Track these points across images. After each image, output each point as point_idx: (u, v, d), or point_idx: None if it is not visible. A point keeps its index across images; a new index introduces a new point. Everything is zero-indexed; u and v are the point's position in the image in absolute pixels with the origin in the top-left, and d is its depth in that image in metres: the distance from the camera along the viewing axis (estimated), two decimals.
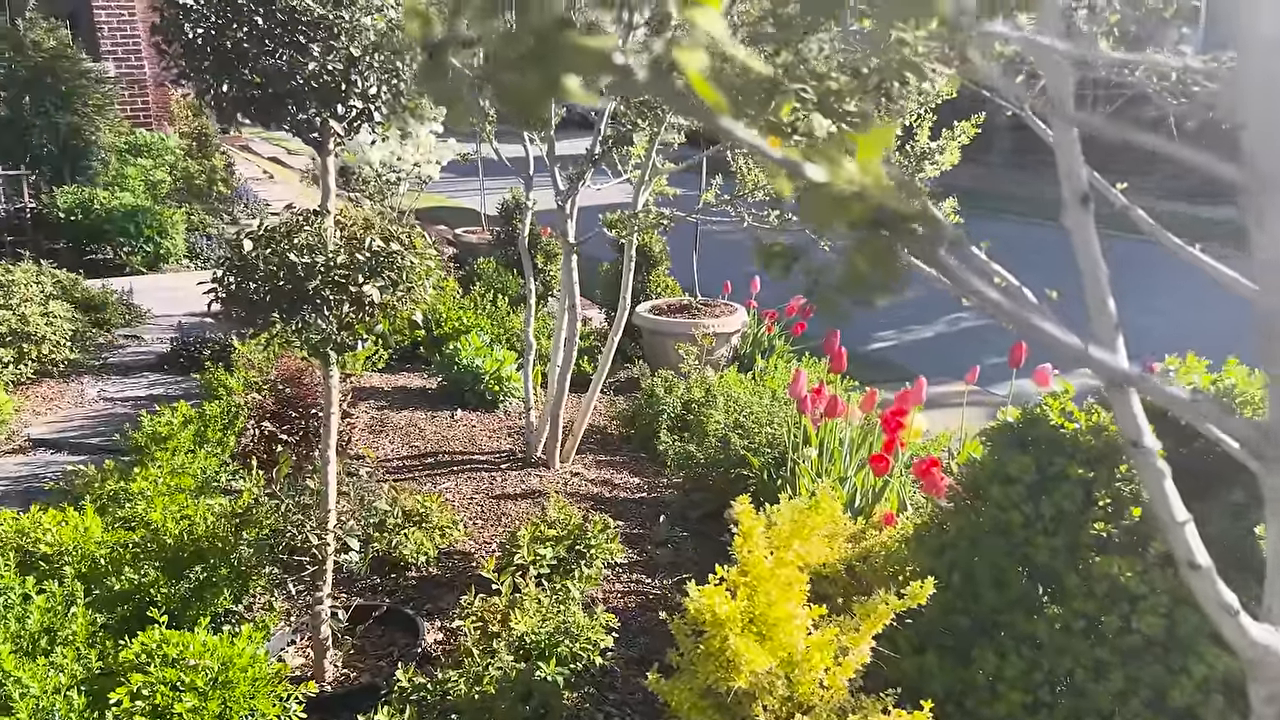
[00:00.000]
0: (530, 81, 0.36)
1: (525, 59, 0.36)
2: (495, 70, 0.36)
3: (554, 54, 0.36)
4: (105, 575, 2.64)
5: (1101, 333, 0.87)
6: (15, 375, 4.81)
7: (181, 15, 2.35)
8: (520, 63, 0.36)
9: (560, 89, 0.36)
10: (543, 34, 0.36)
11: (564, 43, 0.36)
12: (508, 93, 0.37)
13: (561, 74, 0.36)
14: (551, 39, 0.36)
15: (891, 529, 3.12)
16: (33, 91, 8.09)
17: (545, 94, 0.37)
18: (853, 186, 0.45)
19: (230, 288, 2.46)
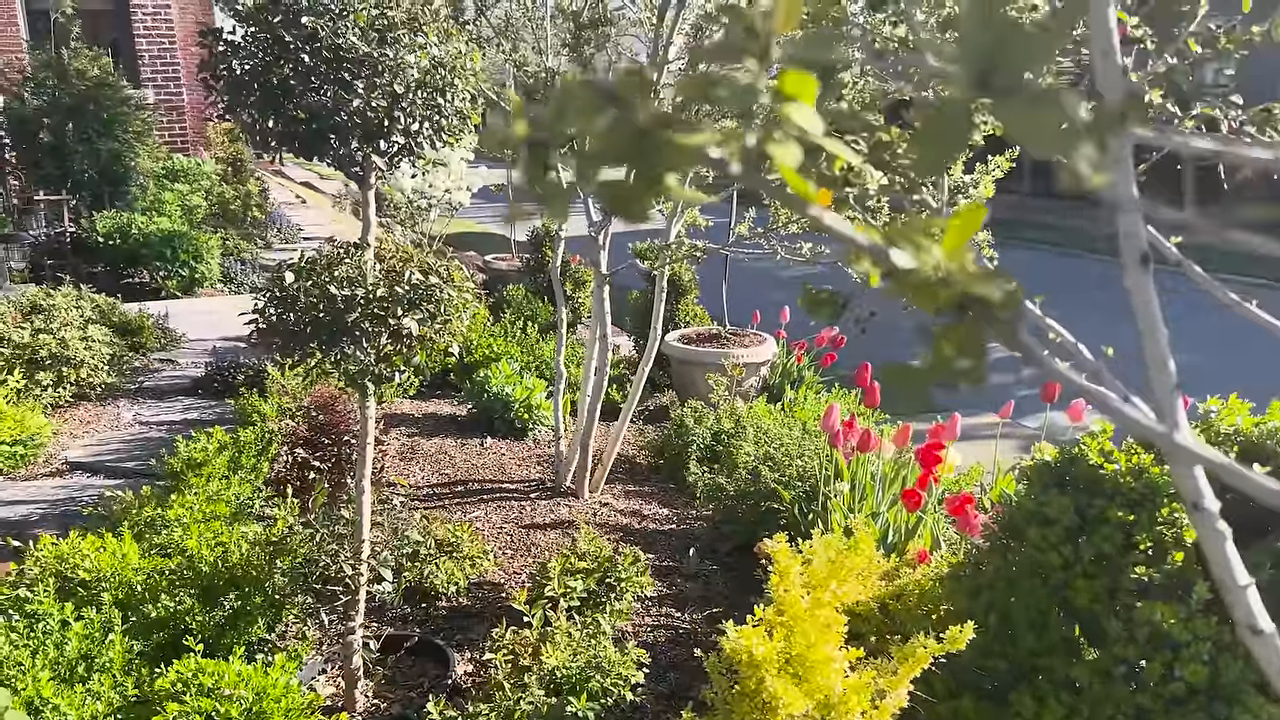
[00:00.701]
0: (632, 180, 0.37)
1: (626, 157, 0.37)
2: (596, 168, 0.37)
3: (654, 152, 0.36)
4: (142, 602, 2.66)
5: (1161, 396, 0.87)
6: (54, 398, 4.88)
7: (229, 52, 2.40)
8: (621, 161, 0.37)
9: (662, 187, 0.37)
10: (643, 132, 0.36)
11: (664, 141, 0.36)
12: (609, 191, 0.37)
13: (663, 172, 0.37)
14: (652, 137, 0.36)
15: (925, 567, 3.09)
16: (76, 119, 8.26)
17: (647, 192, 0.37)
18: (939, 273, 0.45)
19: (271, 319, 2.49)
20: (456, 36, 2.50)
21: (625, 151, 0.37)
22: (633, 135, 0.36)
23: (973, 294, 0.46)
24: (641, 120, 0.37)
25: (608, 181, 0.37)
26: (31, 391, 4.73)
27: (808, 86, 0.38)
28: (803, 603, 2.22)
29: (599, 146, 0.37)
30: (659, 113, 0.37)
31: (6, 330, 4.83)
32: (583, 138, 0.37)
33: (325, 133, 2.38)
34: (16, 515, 3.87)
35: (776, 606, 2.24)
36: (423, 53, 2.37)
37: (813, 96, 0.39)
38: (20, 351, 4.80)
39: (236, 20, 2.40)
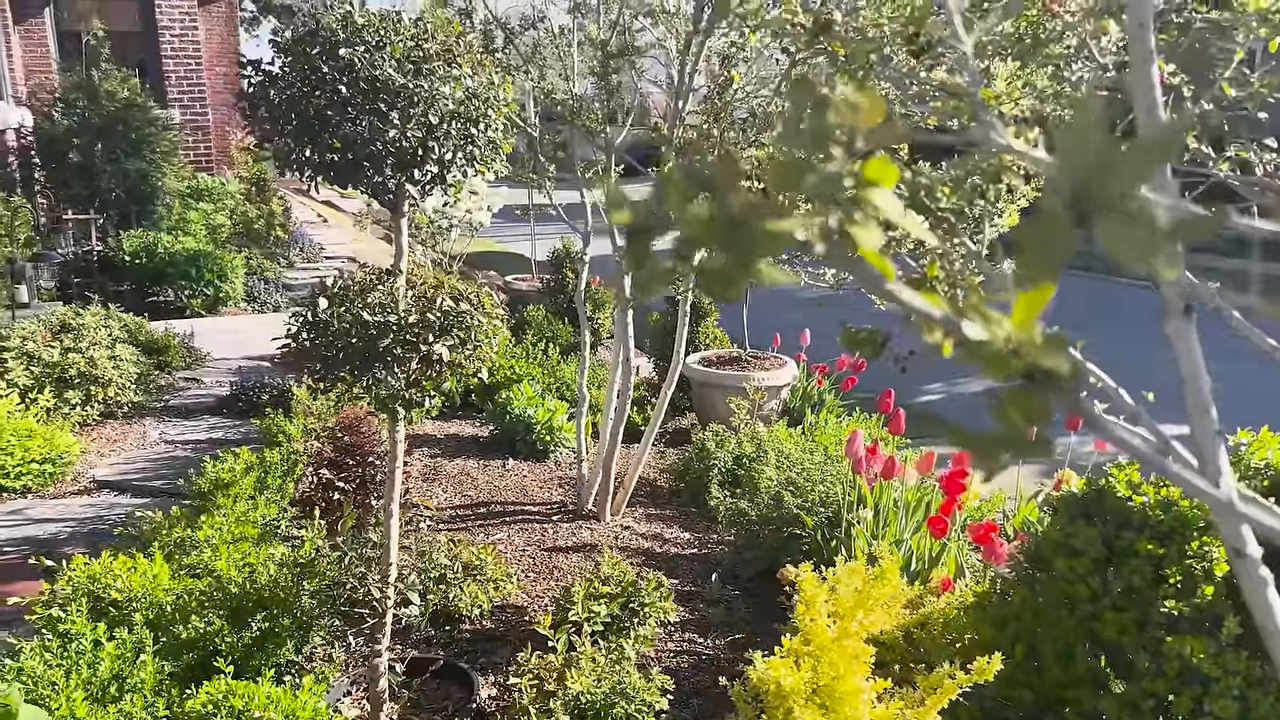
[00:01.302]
0: (727, 265, 0.39)
1: (721, 243, 0.39)
2: (692, 253, 0.39)
3: (747, 239, 0.38)
4: (172, 623, 2.68)
5: (1203, 443, 0.88)
6: (82, 416, 4.94)
7: (267, 82, 2.45)
8: (716, 246, 0.39)
9: (755, 272, 0.39)
10: (736, 220, 0.38)
11: (757, 228, 0.38)
12: (705, 275, 0.39)
13: (756, 257, 0.39)
14: (745, 225, 0.38)
15: (950, 595, 3.08)
16: (105, 139, 8.39)
17: (741, 276, 0.39)
18: (1010, 345, 0.47)
19: (305, 343, 2.52)
20: (489, 68, 2.54)
21: (720, 238, 0.39)
22: (727, 222, 0.39)
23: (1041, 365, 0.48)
24: (735, 208, 0.39)
25: (704, 267, 0.39)
26: (60, 410, 4.79)
27: (889, 173, 0.40)
28: (829, 632, 2.22)
29: (695, 233, 0.39)
30: (751, 200, 0.39)
31: (37, 349, 4.90)
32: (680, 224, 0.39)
33: (360, 162, 2.42)
34: (46, 533, 3.91)
35: (803, 636, 2.24)
36: (457, 84, 2.41)
37: (893, 181, 0.41)
38: (50, 370, 4.86)
39: (276, 51, 2.45)
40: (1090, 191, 0.35)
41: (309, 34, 2.42)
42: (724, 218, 0.39)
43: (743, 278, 0.40)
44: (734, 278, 0.39)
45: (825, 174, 0.40)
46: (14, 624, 3.23)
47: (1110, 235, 0.36)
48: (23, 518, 4.05)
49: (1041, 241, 0.36)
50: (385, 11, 2.45)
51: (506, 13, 4.74)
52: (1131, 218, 0.35)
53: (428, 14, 2.50)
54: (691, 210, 0.39)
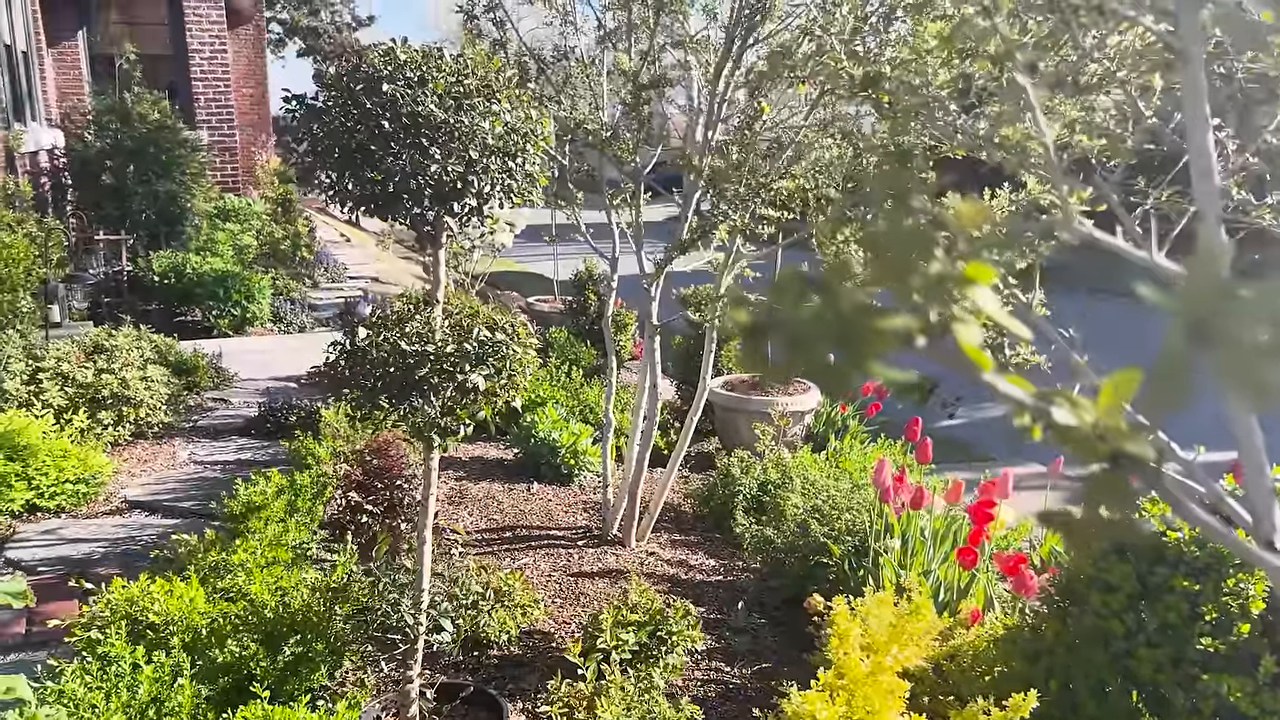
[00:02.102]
0: (841, 363, 0.41)
1: (835, 341, 0.41)
2: (806, 349, 0.41)
3: (858, 337, 0.41)
4: (208, 646, 2.71)
5: (1258, 501, 0.89)
6: (114, 437, 5.00)
7: (311, 116, 2.50)
8: (828, 344, 0.41)
9: (865, 368, 0.41)
10: (848, 319, 0.41)
11: (866, 327, 0.41)
12: (818, 371, 0.42)
13: (868, 356, 0.41)
14: (855, 323, 0.41)
15: (979, 628, 3.07)
16: (137, 161, 8.52)
17: (854, 374, 0.42)
18: (1096, 430, 0.49)
19: (343, 372, 2.56)
20: (527, 102, 2.59)
21: (834, 337, 0.41)
22: (839, 322, 0.41)
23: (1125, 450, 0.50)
24: (845, 308, 0.41)
25: (817, 365, 0.42)
26: (93, 430, 4.86)
27: (987, 273, 0.43)
28: (863, 666, 2.22)
29: (810, 332, 0.41)
30: (861, 301, 0.41)
31: (72, 370, 4.98)
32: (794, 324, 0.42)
33: (401, 195, 2.46)
34: (80, 553, 3.96)
35: (836, 669, 2.25)
36: (496, 119, 2.45)
37: (991, 280, 0.43)
38: (84, 391, 4.93)
39: (320, 86, 2.50)
40: (1211, 328, 0.37)
41: (353, 69, 2.47)
42: (836, 317, 0.41)
43: (852, 373, 0.42)
44: (847, 376, 0.42)
45: (931, 276, 0.42)
46: (51, 644, 3.27)
47: (1228, 368, 0.38)
48: (57, 537, 4.11)
49: (1166, 377, 0.39)
50: (427, 47, 2.50)
51: (539, 43, 4.81)
52: (1247, 353, 0.37)
53: (468, 50, 2.55)
54: (805, 310, 0.42)
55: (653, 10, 3.88)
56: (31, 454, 4.25)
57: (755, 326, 0.43)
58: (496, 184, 2.52)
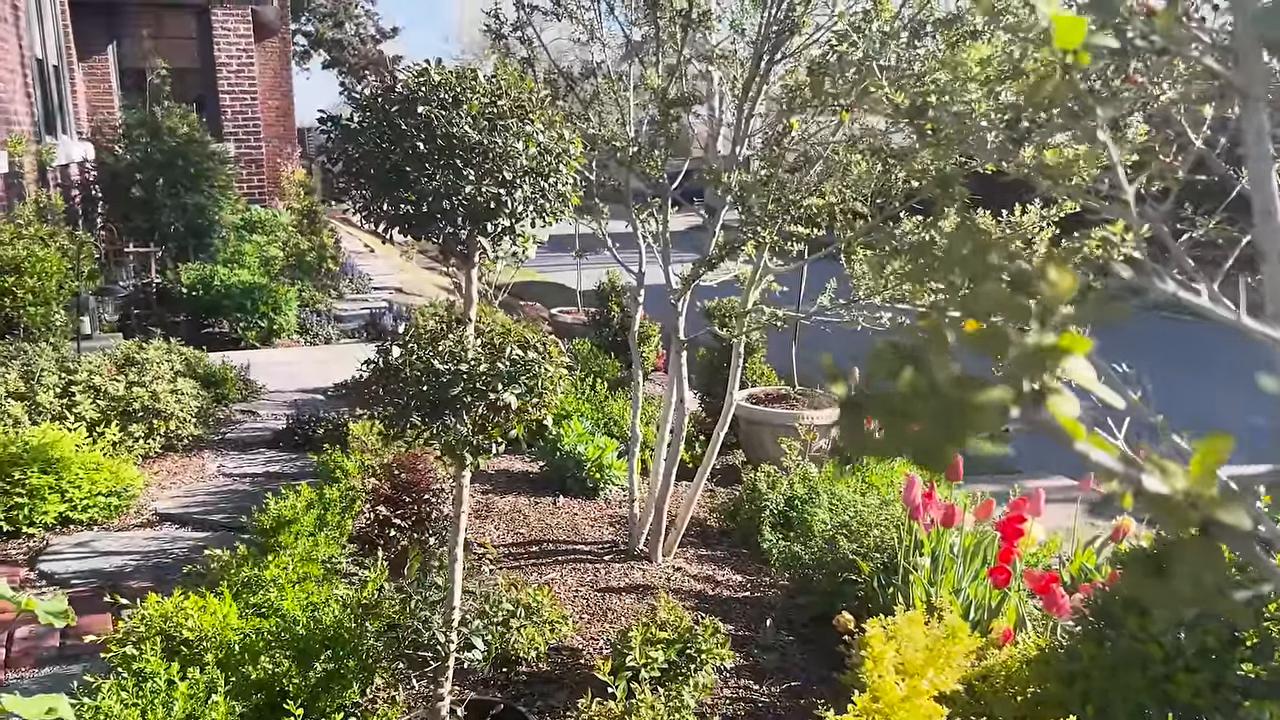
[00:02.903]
0: (937, 438, 0.41)
1: (931, 415, 0.41)
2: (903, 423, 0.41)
3: (957, 412, 0.41)
4: (241, 663, 2.73)
5: None
6: (145, 449, 5.05)
7: (346, 137, 2.52)
8: (925, 419, 0.41)
9: (962, 442, 0.41)
10: (945, 393, 0.41)
11: (965, 401, 0.41)
12: (915, 444, 0.42)
13: (966, 430, 0.41)
14: (954, 398, 0.41)
15: (1012, 648, 3.05)
16: (166, 174, 8.62)
17: (951, 447, 0.42)
18: (1188, 498, 0.48)
19: (377, 390, 2.58)
20: (560, 123, 2.60)
21: (930, 412, 0.41)
22: (935, 396, 0.41)
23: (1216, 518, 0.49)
24: (942, 381, 0.41)
25: (916, 440, 0.42)
26: (125, 443, 4.90)
27: (1082, 344, 0.43)
28: (898, 690, 2.21)
29: (906, 407, 0.41)
30: (958, 375, 0.41)
31: (104, 383, 5.03)
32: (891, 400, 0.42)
33: (435, 215, 2.48)
34: (112, 566, 3.99)
35: (871, 693, 2.23)
36: (530, 140, 2.46)
37: (1085, 349, 0.43)
38: (115, 404, 4.98)
39: (354, 108, 2.52)
40: None
41: (387, 90, 2.49)
42: (932, 391, 0.41)
43: (949, 447, 0.42)
44: (944, 451, 0.42)
45: (1028, 348, 0.42)
46: (84, 657, 3.30)
47: None
48: (89, 550, 4.14)
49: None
50: (461, 69, 2.51)
51: (560, 53, 4.83)
52: None
53: (501, 71, 2.57)
54: (903, 384, 0.42)
55: (680, 27, 3.89)
56: (64, 467, 4.30)
57: (853, 401, 0.43)
58: (530, 204, 2.53)
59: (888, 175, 3.71)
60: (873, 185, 3.74)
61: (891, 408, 0.42)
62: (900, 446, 0.42)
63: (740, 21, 3.96)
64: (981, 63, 1.40)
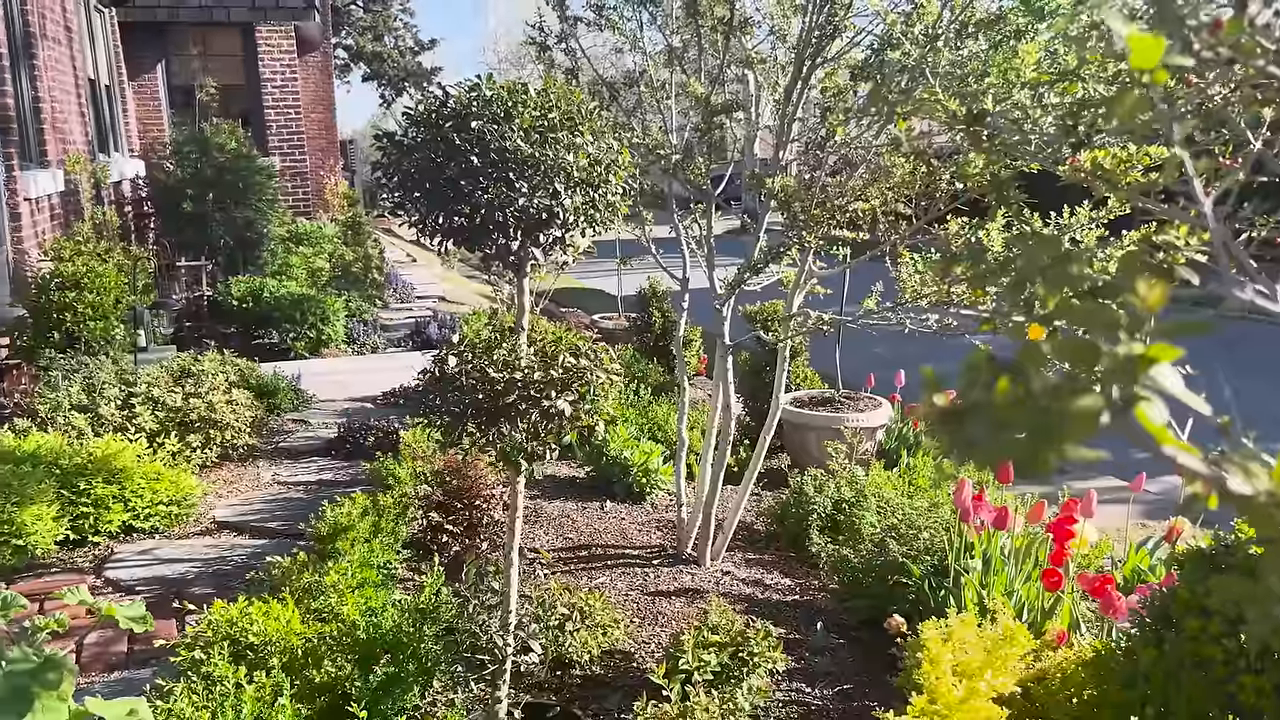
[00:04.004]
0: (1035, 446, 0.44)
1: (1028, 424, 0.43)
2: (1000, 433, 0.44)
3: (1054, 420, 0.43)
4: (305, 667, 2.80)
5: None
6: (203, 459, 5.17)
7: (401, 154, 2.58)
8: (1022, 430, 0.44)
9: (1063, 452, 0.44)
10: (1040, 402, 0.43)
11: (1063, 409, 0.43)
12: (1015, 453, 0.44)
13: (1064, 438, 0.43)
14: (1051, 407, 0.43)
15: (1067, 650, 3.03)
16: (216, 189, 8.82)
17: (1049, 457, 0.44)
18: (1272, 499, 0.51)
19: (434, 401, 2.63)
20: (608, 133, 2.64)
21: (1028, 421, 0.44)
22: (1033, 405, 0.43)
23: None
24: (1037, 391, 0.44)
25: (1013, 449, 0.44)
26: (183, 453, 5.03)
27: (1170, 353, 0.45)
28: (955, 692, 2.21)
29: (1004, 417, 0.44)
30: (1053, 384, 0.44)
31: (162, 394, 5.16)
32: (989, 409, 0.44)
33: (488, 227, 2.53)
34: (175, 573, 4.10)
35: (928, 694, 2.24)
36: (580, 152, 2.50)
37: (1174, 358, 0.46)
38: (173, 415, 5.11)
39: (409, 124, 2.58)
40: None
41: (440, 106, 2.55)
42: (1030, 400, 0.44)
43: (1050, 458, 0.44)
44: (1047, 460, 0.44)
45: (1119, 358, 0.45)
46: (151, 662, 3.40)
47: None
48: (152, 558, 4.26)
49: None
50: (512, 83, 2.56)
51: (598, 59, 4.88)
52: None
53: (549, 84, 2.62)
54: (1000, 394, 0.44)
55: (721, 35, 3.92)
56: (127, 477, 4.42)
57: (952, 412, 0.46)
58: (580, 214, 2.57)
59: (932, 176, 3.71)
60: (917, 187, 3.74)
61: (990, 418, 0.44)
62: (1000, 456, 0.44)
63: (781, 27, 3.98)
64: (1035, 66, 1.41)
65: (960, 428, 0.45)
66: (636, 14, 4.19)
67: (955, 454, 0.47)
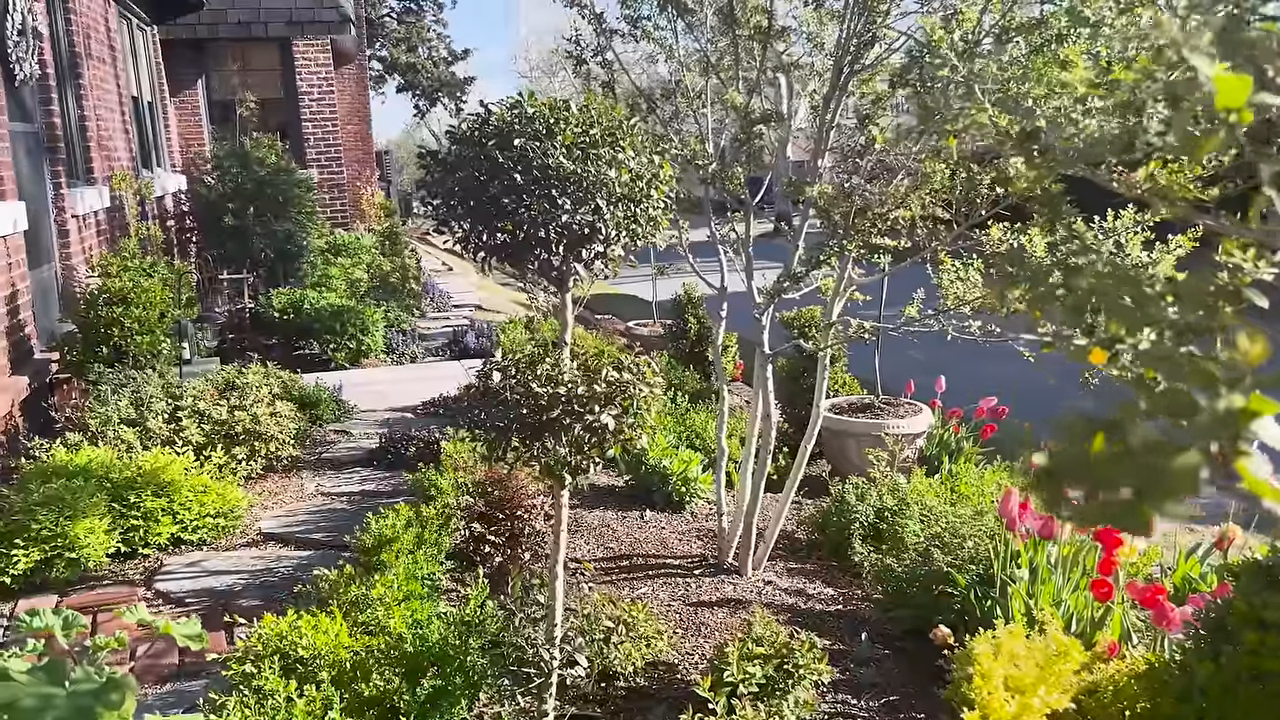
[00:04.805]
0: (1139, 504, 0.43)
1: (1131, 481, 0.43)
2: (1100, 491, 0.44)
3: (1157, 477, 0.43)
4: (353, 680, 2.83)
5: None
6: (248, 471, 5.24)
7: (444, 171, 2.61)
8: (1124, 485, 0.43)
9: (1166, 510, 0.43)
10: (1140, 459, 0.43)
11: (1164, 467, 0.43)
12: (1121, 516, 0.44)
13: (1167, 496, 0.43)
14: (1152, 463, 0.43)
15: (1119, 662, 2.98)
16: (256, 203, 8.95)
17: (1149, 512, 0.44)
18: None
19: (479, 416, 2.65)
20: (650, 148, 2.65)
21: (1130, 478, 0.43)
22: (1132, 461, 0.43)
23: None
24: (1137, 446, 0.43)
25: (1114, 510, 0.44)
26: (229, 465, 5.10)
27: (1270, 407, 0.44)
28: (1008, 707, 2.19)
29: (1104, 474, 0.44)
30: (1153, 439, 0.43)
31: (208, 407, 5.24)
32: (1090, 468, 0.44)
33: (531, 243, 2.55)
34: (223, 585, 4.16)
35: (981, 711, 2.22)
36: (622, 168, 2.51)
37: (1275, 411, 0.45)
38: (219, 427, 5.19)
39: (452, 142, 2.61)
40: None
41: (482, 124, 2.57)
42: (1129, 457, 0.43)
43: (1152, 517, 0.44)
44: (1146, 518, 0.44)
45: (1219, 413, 0.44)
46: (201, 674, 3.45)
47: None
48: (200, 569, 4.32)
49: None
50: (553, 100, 2.58)
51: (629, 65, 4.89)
52: None
53: (590, 99, 2.63)
54: (1098, 452, 0.44)
55: (759, 43, 3.91)
56: (175, 490, 4.49)
57: (1053, 470, 0.46)
58: (622, 229, 2.58)
59: (972, 182, 3.68)
60: (957, 193, 3.71)
61: (1090, 477, 0.44)
62: (1102, 516, 0.44)
63: (819, 35, 3.97)
64: (1087, 82, 1.40)
65: (1059, 487, 0.45)
66: (672, 25, 4.19)
67: (1057, 510, 0.46)
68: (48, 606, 3.98)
